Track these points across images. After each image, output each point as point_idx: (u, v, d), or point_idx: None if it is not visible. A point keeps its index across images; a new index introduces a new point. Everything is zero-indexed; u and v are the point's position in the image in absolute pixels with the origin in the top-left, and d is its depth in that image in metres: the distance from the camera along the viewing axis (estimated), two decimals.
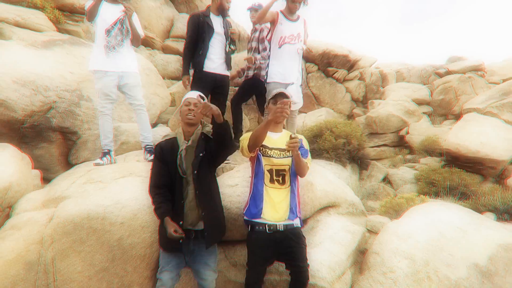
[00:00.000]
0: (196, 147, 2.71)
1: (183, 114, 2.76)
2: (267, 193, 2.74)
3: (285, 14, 4.06)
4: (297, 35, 4.04)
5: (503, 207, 4.39)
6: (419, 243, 3.25)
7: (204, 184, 2.68)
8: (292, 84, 3.99)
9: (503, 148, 5.47)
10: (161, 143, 2.80)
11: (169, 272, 2.66)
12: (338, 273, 3.04)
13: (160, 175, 2.67)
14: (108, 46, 3.86)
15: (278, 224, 2.68)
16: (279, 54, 4.06)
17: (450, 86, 8.60)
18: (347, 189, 4.31)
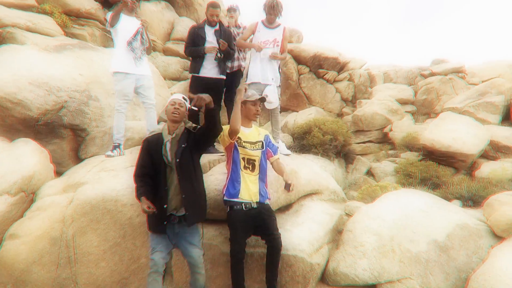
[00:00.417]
0: (179, 140, 3.10)
1: (169, 112, 3.17)
2: (243, 177, 3.26)
3: (265, 23, 4.59)
4: (273, 41, 4.54)
5: (468, 195, 4.89)
6: (386, 222, 3.76)
7: (186, 171, 3.06)
8: (270, 85, 4.46)
9: (472, 143, 5.97)
10: (147, 137, 3.17)
11: (160, 252, 2.96)
12: (316, 247, 3.55)
13: (144, 167, 3.04)
14: (136, 57, 4.41)
15: (252, 202, 3.22)
16: (255, 58, 4.58)
17: (432, 87, 9.10)
18: (330, 179, 4.81)
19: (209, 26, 4.65)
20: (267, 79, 4.52)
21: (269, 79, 4.51)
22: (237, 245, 3.10)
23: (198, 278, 3.08)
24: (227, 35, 4.69)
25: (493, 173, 5.39)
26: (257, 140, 3.44)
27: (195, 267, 3.06)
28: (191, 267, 3.09)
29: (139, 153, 3.17)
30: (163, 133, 3.16)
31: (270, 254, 3.15)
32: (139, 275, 3.50)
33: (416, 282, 3.49)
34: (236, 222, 3.17)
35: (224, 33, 4.65)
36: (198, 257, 3.07)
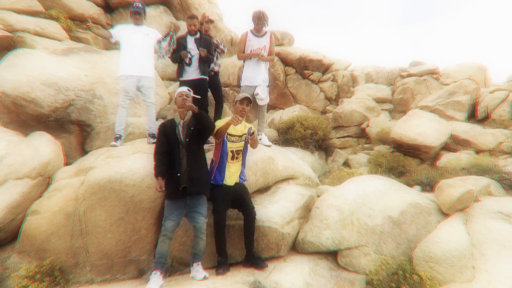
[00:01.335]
0: (188, 123, 3.83)
1: (178, 102, 3.90)
2: (228, 167, 3.97)
3: (253, 32, 5.22)
4: (263, 47, 5.18)
5: (427, 181, 5.54)
6: (348, 200, 4.40)
7: (192, 150, 3.77)
8: (260, 85, 5.11)
9: (434, 136, 6.62)
10: (164, 123, 3.94)
11: (171, 221, 3.65)
12: (287, 220, 4.19)
13: (161, 145, 3.80)
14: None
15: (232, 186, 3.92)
16: (249, 63, 5.22)
17: (408, 87, 9.76)
18: (306, 167, 5.45)
19: (190, 35, 5.32)
20: (258, 80, 5.14)
21: (260, 80, 5.13)
22: (219, 215, 3.76)
23: (199, 242, 3.70)
24: (207, 43, 5.33)
25: (449, 162, 6.05)
26: (243, 133, 4.11)
27: (199, 231, 3.68)
28: (196, 232, 3.72)
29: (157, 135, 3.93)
30: (175, 118, 3.92)
31: (247, 222, 3.81)
32: (140, 244, 4.10)
33: (371, 249, 4.13)
34: (217, 196, 3.84)
35: (204, 41, 5.30)
36: (202, 224, 3.71)
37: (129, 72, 4.93)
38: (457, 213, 4.60)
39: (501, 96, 8.09)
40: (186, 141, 3.77)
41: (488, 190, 5.04)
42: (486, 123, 7.83)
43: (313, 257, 4.11)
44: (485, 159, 5.74)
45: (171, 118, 3.99)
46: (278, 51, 9.23)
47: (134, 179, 4.09)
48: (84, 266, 4.00)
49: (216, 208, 3.81)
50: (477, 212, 4.48)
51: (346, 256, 4.08)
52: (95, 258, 4.00)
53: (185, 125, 3.85)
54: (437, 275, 3.74)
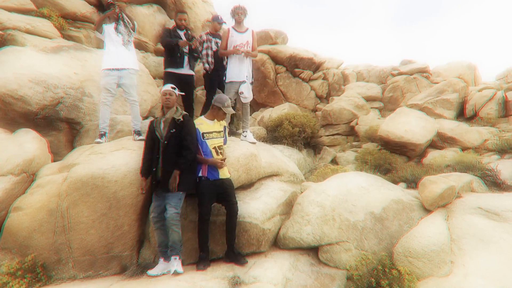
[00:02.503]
0: (169, 124, 3.86)
1: (162, 100, 4.00)
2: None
3: (235, 28, 5.21)
4: (246, 43, 5.17)
5: (412, 178, 5.55)
6: (330, 196, 4.40)
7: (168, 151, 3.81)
8: (245, 82, 5.09)
9: (421, 134, 6.64)
10: (151, 121, 4.05)
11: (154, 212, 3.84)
12: (269, 216, 4.20)
13: (147, 141, 3.95)
14: (124, 42, 5.03)
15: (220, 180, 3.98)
16: (233, 59, 5.21)
17: (398, 85, 9.78)
18: (291, 164, 5.45)
19: (179, 29, 5.37)
20: (242, 76, 5.13)
21: (244, 76, 5.12)
22: (204, 208, 3.78)
23: (172, 233, 3.72)
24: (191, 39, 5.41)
25: (434, 159, 6.06)
26: (220, 129, 4.19)
27: (169, 222, 3.71)
28: (167, 223, 3.74)
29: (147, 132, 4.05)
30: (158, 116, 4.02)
31: (229, 217, 3.82)
32: (122, 240, 4.10)
33: (352, 244, 4.14)
34: (204, 190, 3.87)
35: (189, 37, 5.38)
36: (171, 214, 3.73)
37: (108, 65, 4.93)
38: (439, 209, 4.61)
39: (489, 95, 8.12)
40: (164, 143, 3.84)
41: (470, 187, 5.06)
42: (474, 121, 7.86)
43: (294, 252, 4.11)
44: (469, 156, 5.75)
45: (157, 117, 4.09)
46: (268, 49, 9.23)
47: (117, 175, 4.09)
48: (66, 262, 4.00)
49: (202, 201, 3.84)
50: (458, 208, 4.50)
51: (327, 251, 4.09)
52: (78, 254, 4.00)
53: (166, 124, 3.90)
54: (416, 270, 3.76)
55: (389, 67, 11.36)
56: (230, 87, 5.17)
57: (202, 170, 3.99)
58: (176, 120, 3.90)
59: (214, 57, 5.92)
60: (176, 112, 4.01)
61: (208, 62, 5.93)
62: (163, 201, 3.81)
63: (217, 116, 4.17)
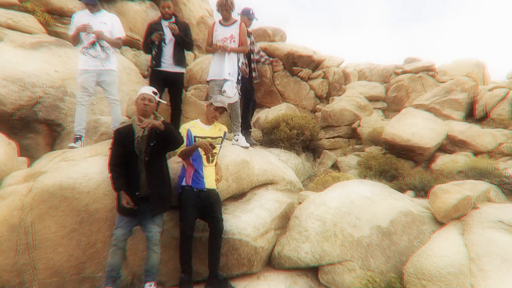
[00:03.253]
0: (148, 137, 3.29)
1: (139, 106, 3.37)
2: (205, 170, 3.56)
3: (221, 22, 4.74)
4: (230, 37, 4.67)
5: (420, 186, 5.07)
6: (331, 208, 3.92)
7: (153, 168, 3.29)
8: (228, 80, 4.59)
9: (429, 137, 6.17)
10: (119, 129, 3.36)
11: (122, 229, 3.26)
12: (262, 232, 3.71)
13: (118, 156, 3.29)
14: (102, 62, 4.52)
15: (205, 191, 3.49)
16: (214, 56, 4.73)
17: (402, 84, 9.32)
18: (287, 170, 4.97)
19: (164, 19, 4.78)
20: (224, 74, 4.63)
21: (226, 74, 4.62)
22: (186, 222, 3.30)
23: (152, 255, 3.25)
24: (183, 27, 4.79)
25: (445, 165, 5.59)
26: (218, 135, 3.75)
27: (151, 243, 3.25)
28: (148, 243, 3.28)
29: (112, 143, 3.38)
30: (134, 125, 3.35)
31: (212, 236, 3.33)
32: (96, 259, 3.62)
33: (356, 264, 3.67)
34: (186, 201, 3.40)
35: (180, 26, 4.75)
36: (155, 233, 3.28)
37: (86, 66, 4.43)
38: (453, 221, 4.14)
39: (501, 94, 7.66)
40: (145, 159, 3.29)
41: (487, 196, 4.58)
42: (485, 123, 7.40)
43: (290, 273, 3.64)
44: (484, 162, 5.29)
45: (128, 124, 3.39)
46: (265, 46, 8.76)
47: (89, 185, 3.61)
48: (30, 285, 3.53)
49: (184, 215, 3.35)
50: (476, 221, 4.02)
51: (328, 272, 3.62)
52: (44, 276, 3.53)
53: (144, 140, 3.31)
54: None
55: (392, 66, 10.90)
56: (213, 86, 4.71)
57: (186, 178, 3.52)
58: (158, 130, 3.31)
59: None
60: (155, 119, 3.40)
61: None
62: (134, 224, 3.31)
63: (208, 115, 3.72)
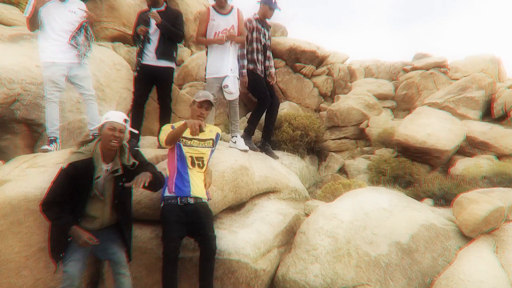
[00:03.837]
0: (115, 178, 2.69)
1: (105, 137, 2.65)
2: (192, 174, 3.04)
3: (216, 9, 4.19)
4: (231, 27, 4.17)
5: (440, 193, 4.59)
6: (343, 223, 3.42)
7: (125, 208, 2.77)
8: (228, 76, 4.11)
9: (447, 138, 5.69)
10: (75, 163, 2.61)
11: (76, 262, 2.62)
12: (263, 251, 3.20)
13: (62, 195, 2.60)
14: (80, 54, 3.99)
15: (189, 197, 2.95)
16: (214, 50, 4.21)
17: (413, 81, 8.84)
18: (292, 176, 4.46)
19: (154, 7, 4.22)
20: (225, 70, 4.15)
21: (228, 69, 4.15)
22: (170, 242, 2.77)
23: (123, 282, 2.71)
24: (174, 16, 4.23)
25: (467, 170, 5.10)
26: (208, 137, 3.24)
27: (119, 265, 2.72)
28: (114, 268, 2.74)
29: (57, 176, 2.68)
30: (95, 158, 2.68)
31: (204, 258, 2.81)
32: None
33: None
34: (170, 217, 2.88)
35: (170, 13, 4.20)
36: (121, 255, 2.76)
37: (55, 59, 3.90)
38: (483, 236, 3.66)
39: None
40: (114, 202, 2.71)
41: None
42: (505, 123, 6.89)
43: None
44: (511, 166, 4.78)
45: (87, 158, 2.66)
46: None
47: None
48: None
49: (168, 233, 2.83)
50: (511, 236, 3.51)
51: None
52: None
53: (111, 176, 2.68)
54: None
55: (399, 63, 10.43)
56: (212, 82, 4.21)
57: (168, 185, 3.01)
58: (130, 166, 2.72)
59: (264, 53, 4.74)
60: (123, 153, 2.75)
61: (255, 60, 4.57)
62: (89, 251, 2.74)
63: (193, 114, 3.23)
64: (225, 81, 4.06)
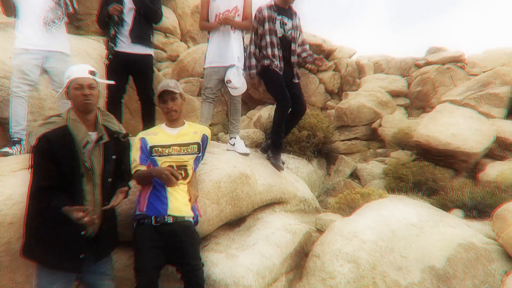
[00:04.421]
0: (105, 148, 2.17)
1: (76, 100, 2.17)
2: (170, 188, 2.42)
3: None
4: (234, 9, 3.59)
5: (472, 203, 4.05)
6: (366, 243, 2.85)
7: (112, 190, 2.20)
8: (233, 67, 3.54)
9: (474, 139, 5.14)
10: (47, 135, 2.06)
11: None
12: (268, 280, 2.62)
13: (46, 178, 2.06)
14: (47, 21, 3.38)
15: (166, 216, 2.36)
16: (215, 35, 3.64)
17: (428, 77, 8.29)
18: (300, 184, 3.89)
19: None
20: (231, 59, 3.56)
21: (234, 58, 3.55)
22: (143, 275, 2.18)
23: None
24: None
25: (502, 175, 4.54)
26: (190, 141, 2.60)
27: None
28: None
29: (31, 158, 2.12)
30: (72, 126, 2.14)
31: None
32: None
33: None
34: (143, 241, 2.29)
35: None
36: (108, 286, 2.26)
37: (28, 45, 3.30)
38: None
39: None
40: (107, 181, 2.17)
41: None
42: None
43: None
44: None
45: (61, 126, 2.13)
46: None
47: (13, 213, 2.50)
48: None
49: (141, 263, 2.24)
50: None
51: None
52: None
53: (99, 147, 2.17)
54: None
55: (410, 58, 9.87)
56: (211, 74, 3.64)
57: (140, 204, 2.42)
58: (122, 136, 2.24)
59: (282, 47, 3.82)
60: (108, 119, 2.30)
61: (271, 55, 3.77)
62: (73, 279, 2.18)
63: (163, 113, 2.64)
64: (228, 75, 3.48)
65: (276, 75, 3.83)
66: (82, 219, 1.89)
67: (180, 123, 2.68)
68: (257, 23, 3.89)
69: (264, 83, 3.92)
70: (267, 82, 3.91)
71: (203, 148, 2.68)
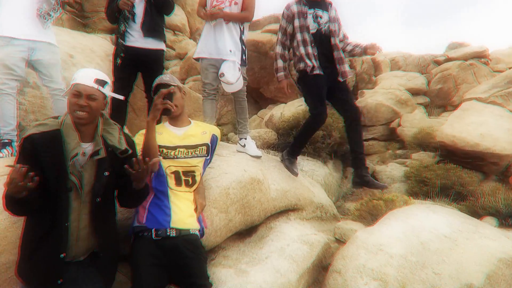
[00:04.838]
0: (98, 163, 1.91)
1: (69, 108, 1.92)
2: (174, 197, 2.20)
3: None
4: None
5: (506, 211, 3.70)
6: (394, 258, 2.54)
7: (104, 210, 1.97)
8: (227, 60, 3.28)
9: (506, 140, 4.78)
10: (33, 136, 1.85)
11: None
12: None
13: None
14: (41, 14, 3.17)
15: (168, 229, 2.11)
16: (209, 25, 3.40)
17: (449, 74, 7.89)
18: (316, 189, 3.60)
19: None
20: (224, 51, 3.32)
21: (227, 51, 3.31)
22: None
23: None
24: None
25: None
26: (199, 142, 2.36)
27: None
28: None
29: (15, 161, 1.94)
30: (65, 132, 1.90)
31: None
32: None
33: None
34: (141, 259, 2.03)
35: None
36: None
37: (13, 33, 3.08)
38: None
39: None
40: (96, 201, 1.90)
41: None
42: None
43: None
44: None
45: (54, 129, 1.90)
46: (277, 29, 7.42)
47: None
48: None
49: (138, 282, 1.98)
50: None
51: None
52: None
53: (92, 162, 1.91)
54: None
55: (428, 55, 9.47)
56: (206, 67, 3.40)
57: (139, 214, 2.17)
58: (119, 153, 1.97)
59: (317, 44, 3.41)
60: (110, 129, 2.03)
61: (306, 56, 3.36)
62: None
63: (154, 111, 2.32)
64: (222, 68, 3.23)
65: (313, 83, 3.44)
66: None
67: (185, 122, 2.44)
68: (285, 22, 3.55)
69: (301, 90, 3.62)
70: (303, 91, 3.58)
71: (212, 150, 2.44)
